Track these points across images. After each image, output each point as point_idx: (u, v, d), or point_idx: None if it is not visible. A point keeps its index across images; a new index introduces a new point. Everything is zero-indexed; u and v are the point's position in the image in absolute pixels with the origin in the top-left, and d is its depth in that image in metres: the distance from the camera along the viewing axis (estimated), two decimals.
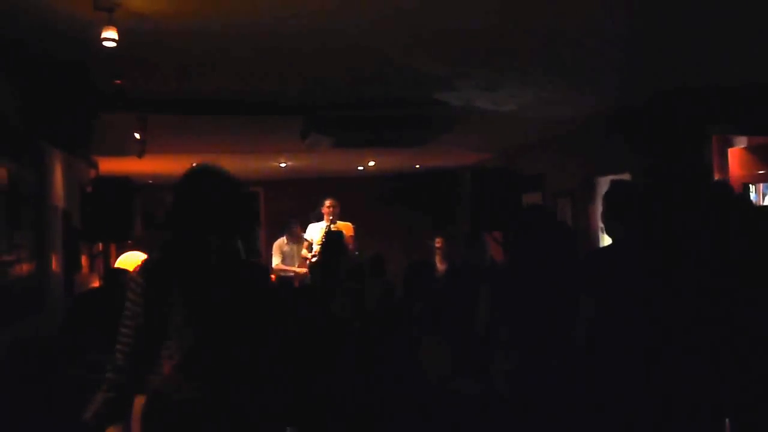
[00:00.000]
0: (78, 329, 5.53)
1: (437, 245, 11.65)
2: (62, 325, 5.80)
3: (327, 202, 9.41)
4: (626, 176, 7.40)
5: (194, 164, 3.11)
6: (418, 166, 13.03)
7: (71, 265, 7.54)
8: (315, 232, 9.35)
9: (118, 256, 9.84)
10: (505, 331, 4.69)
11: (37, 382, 5.10)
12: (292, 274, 10.18)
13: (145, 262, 2.92)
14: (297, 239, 10.23)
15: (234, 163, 11.83)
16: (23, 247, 5.28)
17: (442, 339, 5.64)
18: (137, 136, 7.37)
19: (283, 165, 11.80)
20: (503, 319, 4.77)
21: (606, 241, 8.40)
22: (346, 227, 9.48)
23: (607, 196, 4.46)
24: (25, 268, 5.32)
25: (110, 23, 3.97)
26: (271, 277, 9.88)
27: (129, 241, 8.93)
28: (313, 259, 8.63)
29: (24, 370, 5.12)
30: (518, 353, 4.66)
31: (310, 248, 9.26)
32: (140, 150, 8.18)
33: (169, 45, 4.95)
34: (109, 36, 3.98)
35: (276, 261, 10.37)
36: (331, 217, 9.27)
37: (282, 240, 10.44)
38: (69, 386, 4.67)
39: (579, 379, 4.21)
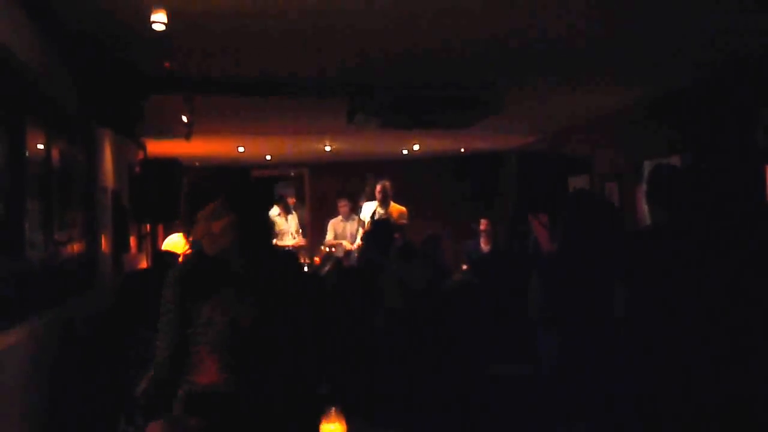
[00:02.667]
0: (128, 308, 5.60)
1: (482, 228, 11.65)
2: (113, 304, 5.89)
3: (378, 186, 9.52)
4: (674, 160, 7.30)
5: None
6: (463, 149, 12.97)
7: (120, 244, 7.64)
8: (368, 213, 9.52)
9: (165, 236, 9.98)
10: (554, 315, 4.67)
11: (91, 357, 5.21)
12: (342, 249, 10.37)
13: (180, 268, 2.94)
14: (348, 218, 10.44)
15: (279, 146, 11.93)
16: (75, 226, 5.35)
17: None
18: (184, 118, 7.42)
19: (327, 148, 11.83)
20: (554, 303, 4.75)
21: None
22: (399, 211, 9.57)
23: (649, 180, 4.38)
24: (76, 247, 5.40)
25: (159, 5, 3.99)
26: (304, 261, 10.08)
27: (176, 222, 9.02)
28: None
29: (78, 345, 5.23)
30: (568, 337, 4.64)
31: (364, 227, 9.44)
32: (187, 132, 8.24)
33: (216, 26, 4.95)
34: (159, 19, 4.01)
35: (329, 237, 10.63)
36: (383, 200, 9.40)
37: (337, 219, 10.65)
38: (123, 361, 4.75)
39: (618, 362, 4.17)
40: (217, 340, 2.83)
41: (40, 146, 4.35)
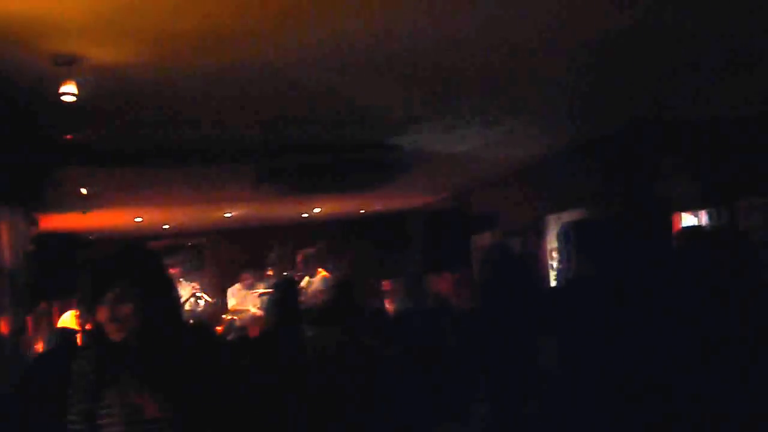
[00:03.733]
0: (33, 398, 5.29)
1: (385, 288, 11.61)
2: (15, 391, 5.55)
3: (299, 255, 9.30)
4: (578, 213, 7.46)
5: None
6: (363, 210, 12.98)
7: (18, 327, 7.26)
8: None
9: (61, 313, 9.56)
10: (479, 371, 4.66)
11: None
12: (249, 316, 10.14)
13: (82, 356, 2.77)
14: (251, 287, 10.25)
15: (176, 215, 11.68)
16: None
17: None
18: (83, 191, 7.18)
19: (228, 215, 11.65)
20: (480, 360, 4.73)
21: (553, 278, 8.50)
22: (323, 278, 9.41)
23: (574, 234, 4.44)
24: None
25: (69, 77, 3.85)
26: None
27: (73, 299, 8.66)
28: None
29: None
30: (496, 393, 4.62)
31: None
32: (85, 205, 7.98)
33: (119, 97, 4.86)
34: (69, 90, 3.87)
35: (230, 304, 10.44)
36: (306, 269, 9.15)
37: (235, 287, 10.45)
38: None
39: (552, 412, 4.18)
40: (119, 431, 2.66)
41: None
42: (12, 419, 5.04)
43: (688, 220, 6.88)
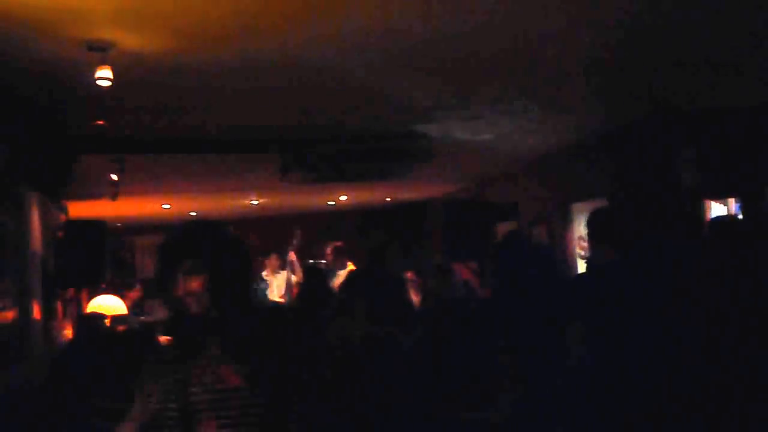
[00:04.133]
0: (62, 387, 5.39)
1: (409, 278, 11.68)
2: (46, 382, 5.67)
3: (329, 248, 9.36)
4: (601, 202, 7.46)
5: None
6: (388, 198, 13.03)
7: (49, 312, 7.38)
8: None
9: (89, 300, 9.69)
10: (506, 359, 4.68)
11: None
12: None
13: (166, 325, 2.88)
14: (275, 272, 10.33)
15: (203, 203, 11.78)
16: (6, 294, 5.15)
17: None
18: (113, 177, 7.27)
19: (254, 203, 11.73)
20: (503, 348, 4.76)
21: (582, 266, 8.51)
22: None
23: (593, 222, 4.46)
24: (9, 315, 5.19)
25: (104, 62, 3.92)
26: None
27: (102, 285, 8.79)
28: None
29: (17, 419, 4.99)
30: (519, 382, 4.65)
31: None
32: (114, 192, 8.07)
33: (147, 84, 4.93)
34: (104, 75, 3.93)
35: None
36: (335, 261, 9.22)
37: (263, 273, 10.52)
38: None
39: (577, 401, 4.20)
40: (209, 403, 2.73)
41: None
42: (43, 405, 5.15)
43: (717, 209, 6.86)
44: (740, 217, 6.61)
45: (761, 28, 4.52)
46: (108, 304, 8.15)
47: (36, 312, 6.47)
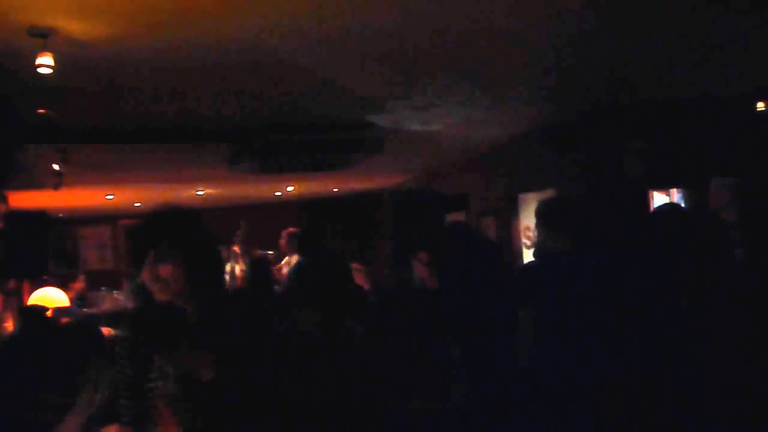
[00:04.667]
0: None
1: (360, 268, 11.68)
2: None
3: (284, 234, 9.30)
4: (549, 193, 7.53)
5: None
6: (336, 189, 12.99)
7: None
8: None
9: (32, 292, 9.50)
10: (456, 350, 4.68)
11: None
12: None
13: (133, 314, 2.80)
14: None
15: (148, 193, 11.62)
16: None
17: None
18: (56, 167, 7.12)
19: (200, 193, 11.60)
20: (453, 339, 4.77)
21: (528, 256, 8.57)
22: None
23: (544, 211, 4.48)
24: None
25: (44, 49, 3.81)
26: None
27: (44, 278, 8.61)
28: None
29: None
30: (469, 372, 4.66)
31: None
32: (57, 182, 7.90)
33: (93, 73, 4.82)
34: (45, 62, 3.83)
35: None
36: (292, 249, 9.15)
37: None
38: None
39: (526, 393, 4.22)
40: (171, 395, 2.66)
41: None
42: None
43: (660, 199, 6.97)
44: (683, 206, 6.72)
45: (706, 19, 4.57)
46: (50, 296, 8.00)
47: None
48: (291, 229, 9.35)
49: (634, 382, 4.09)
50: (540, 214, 4.45)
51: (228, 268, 10.22)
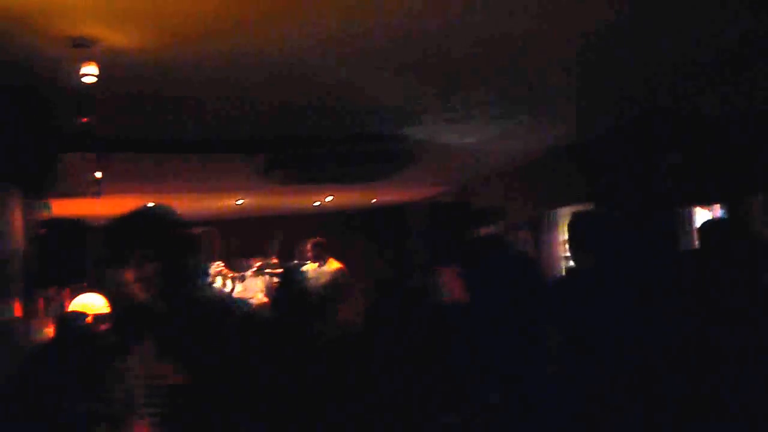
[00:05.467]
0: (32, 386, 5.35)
1: (393, 280, 11.82)
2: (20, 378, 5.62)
3: (308, 244, 9.43)
4: (586, 206, 7.49)
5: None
6: (374, 200, 13.02)
7: (30, 310, 7.33)
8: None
9: (71, 299, 9.61)
10: (489, 360, 4.70)
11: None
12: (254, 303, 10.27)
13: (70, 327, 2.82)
14: (258, 274, 10.28)
15: (188, 203, 11.73)
16: None
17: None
18: (97, 175, 7.23)
19: (239, 202, 11.69)
20: (480, 351, 4.78)
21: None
22: (338, 268, 9.49)
23: (572, 226, 4.46)
24: None
25: (89, 59, 3.90)
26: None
27: (83, 284, 8.72)
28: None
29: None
30: (497, 383, 4.66)
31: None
32: (97, 191, 8.02)
33: (134, 83, 4.91)
34: (89, 71, 3.91)
35: (238, 290, 10.52)
36: (317, 257, 9.28)
37: (246, 273, 10.43)
38: None
39: (553, 404, 4.21)
40: (144, 399, 2.68)
41: None
42: (16, 405, 5.11)
43: (702, 215, 6.87)
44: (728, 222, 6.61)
45: (749, 27, 4.53)
46: (90, 303, 8.11)
47: (17, 310, 6.44)
48: (316, 240, 9.49)
49: (662, 398, 4.07)
50: (569, 230, 4.44)
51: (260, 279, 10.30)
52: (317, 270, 9.26)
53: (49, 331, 8.61)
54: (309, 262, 9.39)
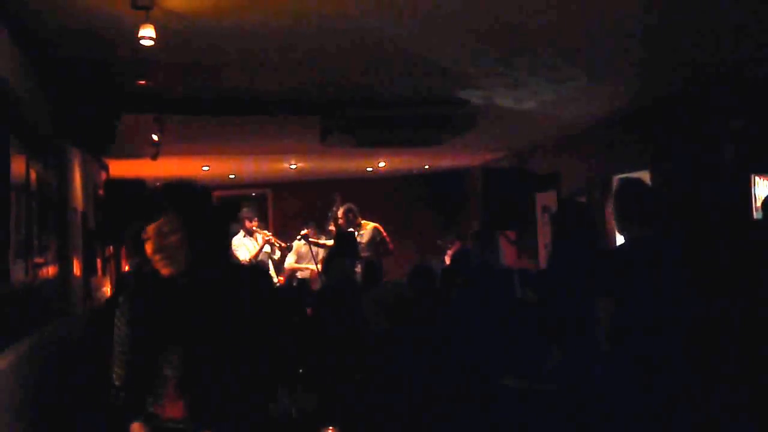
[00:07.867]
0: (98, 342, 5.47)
1: (447, 244, 11.79)
2: (83, 337, 5.75)
3: (340, 211, 9.47)
4: (643, 174, 7.35)
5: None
6: (427, 166, 12.96)
7: (89, 268, 7.48)
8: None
9: (128, 258, 9.80)
10: (553, 330, 4.67)
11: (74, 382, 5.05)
12: (308, 273, 10.30)
13: (127, 286, 2.83)
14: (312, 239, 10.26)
15: (242, 165, 11.81)
16: (50, 249, 5.21)
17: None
18: (155, 137, 7.31)
19: (293, 166, 11.73)
20: (551, 319, 4.75)
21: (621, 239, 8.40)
22: (374, 227, 9.53)
23: (618, 195, 4.36)
24: (51, 271, 5.26)
25: (147, 21, 3.91)
26: (273, 278, 9.97)
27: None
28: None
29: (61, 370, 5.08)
30: (562, 351, 4.63)
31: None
32: (154, 152, 8.12)
33: (190, 45, 4.92)
34: (147, 34, 3.93)
35: (290, 260, 10.53)
36: (348, 224, 9.33)
37: (301, 242, 10.38)
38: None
39: (603, 375, 4.17)
40: (176, 369, 2.69)
41: (21, 170, 4.21)
42: (82, 359, 5.23)
43: (763, 185, 6.69)
44: None
45: None
46: None
47: (77, 268, 6.57)
48: (347, 205, 9.52)
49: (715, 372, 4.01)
50: (617, 198, 4.34)
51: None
52: (357, 233, 9.33)
53: (106, 289, 8.80)
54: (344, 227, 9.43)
